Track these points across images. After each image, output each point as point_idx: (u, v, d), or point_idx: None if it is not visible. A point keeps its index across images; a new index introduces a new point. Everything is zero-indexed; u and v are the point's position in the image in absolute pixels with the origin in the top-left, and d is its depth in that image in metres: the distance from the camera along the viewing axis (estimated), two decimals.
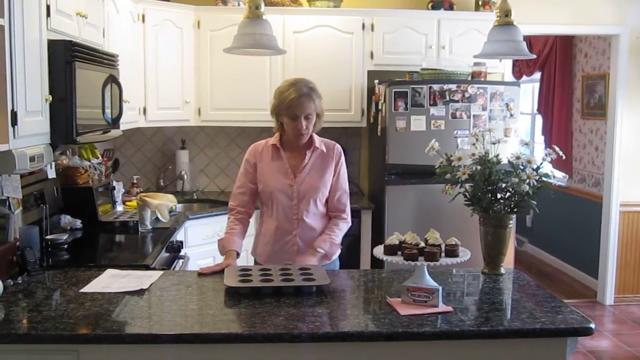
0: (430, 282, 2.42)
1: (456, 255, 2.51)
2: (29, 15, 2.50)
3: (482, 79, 4.74)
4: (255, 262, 3.16)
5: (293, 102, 2.90)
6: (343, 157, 3.13)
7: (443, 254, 2.51)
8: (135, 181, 4.87)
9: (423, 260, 2.44)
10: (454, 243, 2.55)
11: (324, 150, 3.07)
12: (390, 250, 2.53)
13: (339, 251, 3.11)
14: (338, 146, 3.13)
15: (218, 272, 2.73)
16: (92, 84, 3.08)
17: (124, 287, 2.51)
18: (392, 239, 2.56)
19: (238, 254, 2.98)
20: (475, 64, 4.72)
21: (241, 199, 3.11)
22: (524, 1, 5.17)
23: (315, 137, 3.08)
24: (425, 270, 2.45)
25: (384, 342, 2.14)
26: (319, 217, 3.07)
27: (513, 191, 2.74)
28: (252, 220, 3.17)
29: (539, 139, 7.60)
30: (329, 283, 2.51)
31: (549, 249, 7.55)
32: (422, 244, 2.51)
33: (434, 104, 4.56)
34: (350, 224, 3.15)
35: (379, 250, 2.57)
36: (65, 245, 3.24)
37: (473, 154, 2.79)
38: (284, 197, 3.02)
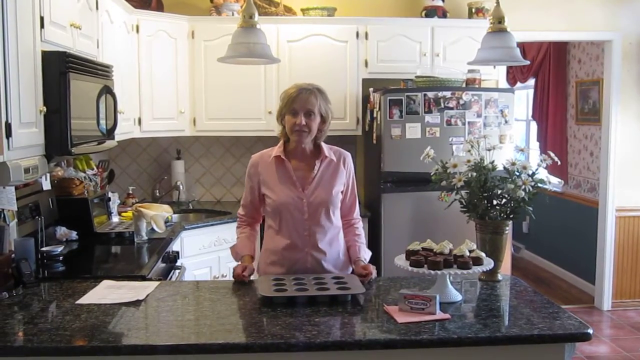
0: (453, 292, 2.48)
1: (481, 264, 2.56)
2: (23, 27, 2.50)
3: (477, 86, 4.76)
4: None
5: (292, 96, 2.82)
6: (352, 165, 3.02)
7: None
8: (130, 192, 4.85)
9: (456, 268, 2.49)
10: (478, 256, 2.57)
11: (334, 159, 2.93)
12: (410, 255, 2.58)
13: (370, 254, 3.04)
14: (348, 154, 3.00)
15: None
16: (86, 95, 3.08)
17: (120, 299, 2.50)
18: (415, 244, 2.64)
19: (252, 258, 2.92)
20: (470, 71, 4.73)
21: (248, 210, 3.03)
22: (517, 8, 5.20)
23: (324, 145, 2.94)
24: (448, 279, 2.50)
25: (381, 350, 2.14)
26: (331, 231, 2.91)
27: (509, 197, 2.75)
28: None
29: (534, 145, 7.63)
30: (364, 292, 2.53)
31: (545, 255, 7.55)
32: (447, 252, 2.56)
33: (429, 112, 4.57)
34: (361, 219, 3.10)
35: (401, 260, 2.59)
36: (61, 257, 3.22)
37: (468, 161, 2.79)
38: (294, 212, 2.85)
